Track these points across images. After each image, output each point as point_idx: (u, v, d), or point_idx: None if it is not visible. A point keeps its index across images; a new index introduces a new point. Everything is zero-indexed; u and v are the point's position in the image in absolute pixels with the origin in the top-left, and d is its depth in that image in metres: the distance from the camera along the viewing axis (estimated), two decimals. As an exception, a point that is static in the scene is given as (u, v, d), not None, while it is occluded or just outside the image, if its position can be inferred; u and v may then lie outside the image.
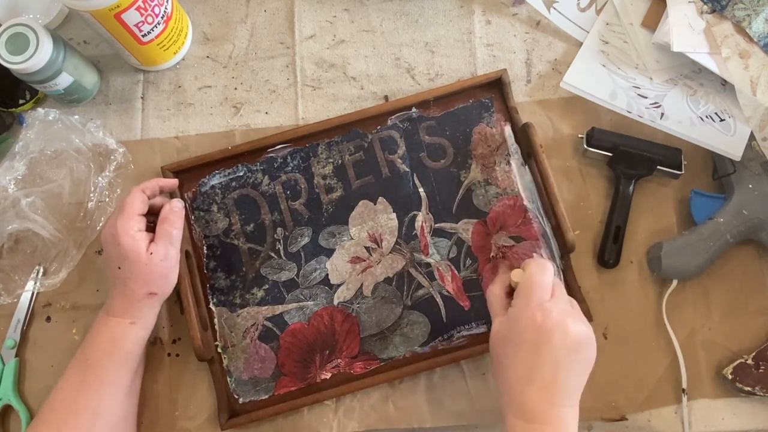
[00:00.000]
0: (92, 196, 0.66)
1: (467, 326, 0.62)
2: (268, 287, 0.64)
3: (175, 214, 0.60)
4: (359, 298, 0.63)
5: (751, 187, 0.62)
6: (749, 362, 0.60)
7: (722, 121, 0.64)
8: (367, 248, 0.65)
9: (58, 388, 0.56)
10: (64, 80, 0.64)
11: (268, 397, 0.62)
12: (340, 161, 0.66)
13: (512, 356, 0.49)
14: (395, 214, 0.65)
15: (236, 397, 0.62)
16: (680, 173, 0.63)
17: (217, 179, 0.66)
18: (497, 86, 0.67)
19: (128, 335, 0.57)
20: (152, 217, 0.60)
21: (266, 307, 0.64)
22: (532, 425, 0.47)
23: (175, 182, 0.64)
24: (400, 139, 0.67)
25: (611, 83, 0.67)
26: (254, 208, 0.66)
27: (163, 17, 0.63)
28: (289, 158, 0.66)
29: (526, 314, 0.49)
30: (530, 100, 0.68)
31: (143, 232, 0.58)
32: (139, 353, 0.58)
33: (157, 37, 0.64)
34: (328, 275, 0.64)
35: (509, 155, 0.66)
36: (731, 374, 0.60)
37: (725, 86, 0.66)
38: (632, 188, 0.63)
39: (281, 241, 0.65)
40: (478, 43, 0.70)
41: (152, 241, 0.58)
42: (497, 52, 0.70)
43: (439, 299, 0.63)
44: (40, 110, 0.66)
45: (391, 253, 0.64)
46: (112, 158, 0.66)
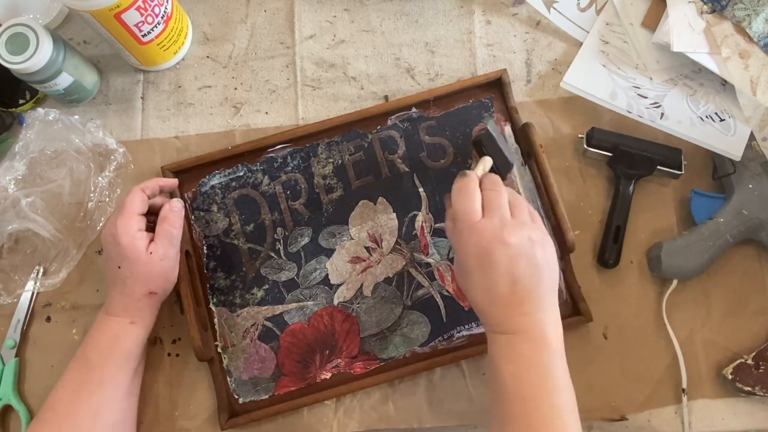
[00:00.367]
0: (92, 196, 0.66)
1: (467, 326, 0.62)
2: (268, 287, 0.64)
3: (174, 213, 0.60)
4: (359, 298, 0.63)
5: (751, 187, 0.62)
6: (749, 362, 0.60)
7: (722, 121, 0.64)
8: (367, 248, 0.65)
9: (58, 387, 0.56)
10: (64, 80, 0.64)
11: (268, 397, 0.62)
12: (340, 161, 0.66)
13: (470, 285, 0.49)
14: (395, 214, 0.65)
15: (236, 397, 0.62)
16: (680, 173, 0.63)
17: (217, 179, 0.66)
18: (497, 86, 0.67)
19: (128, 335, 0.57)
20: (152, 216, 0.60)
21: (266, 307, 0.64)
22: (507, 335, 0.48)
23: (175, 182, 0.64)
24: (400, 139, 0.67)
25: (611, 83, 0.67)
26: (254, 208, 0.66)
27: (163, 17, 0.63)
28: (289, 158, 0.67)
29: (462, 244, 0.49)
30: (530, 100, 0.68)
31: (143, 231, 0.58)
32: (138, 353, 0.58)
33: (157, 37, 0.64)
34: (328, 275, 0.64)
35: (509, 155, 0.66)
36: (731, 374, 0.60)
37: (725, 86, 0.66)
38: (632, 188, 0.63)
39: (281, 241, 0.65)
40: (478, 43, 0.70)
41: (152, 240, 0.58)
42: (497, 52, 0.70)
43: (439, 299, 0.63)
44: (40, 110, 0.66)
45: (391, 253, 0.64)
46: (112, 158, 0.66)
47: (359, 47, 0.71)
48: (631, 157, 0.63)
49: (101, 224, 0.66)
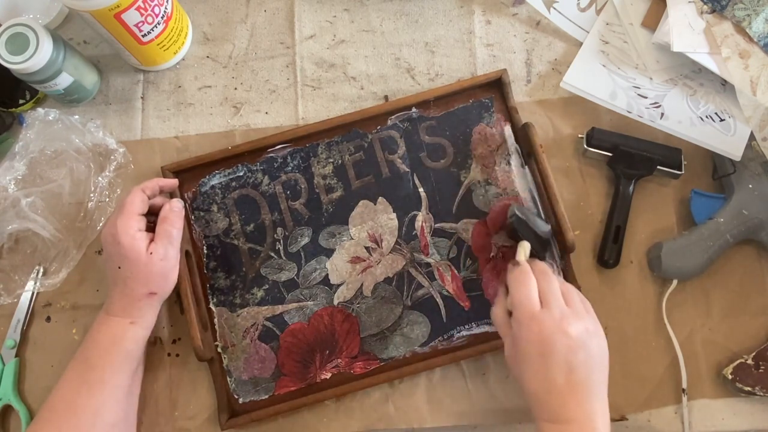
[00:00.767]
0: (92, 196, 0.66)
1: (467, 326, 0.62)
2: (268, 287, 0.64)
3: (174, 213, 0.60)
4: (359, 298, 0.63)
5: (751, 187, 0.62)
6: (749, 362, 0.60)
7: (722, 121, 0.64)
8: (367, 248, 0.65)
9: (58, 387, 0.56)
10: (64, 80, 0.64)
11: (268, 397, 0.62)
12: (340, 161, 0.66)
13: (526, 372, 0.50)
14: (395, 214, 0.65)
15: (236, 397, 0.62)
16: (680, 173, 0.63)
17: (217, 179, 0.66)
18: (497, 86, 0.67)
19: (128, 335, 0.57)
20: (152, 217, 0.60)
21: (266, 307, 0.64)
22: (560, 425, 0.48)
23: (175, 182, 0.64)
24: (400, 139, 0.67)
25: (611, 83, 0.67)
26: (254, 208, 0.66)
27: (163, 17, 0.63)
28: (289, 158, 0.67)
29: (523, 332, 0.50)
30: (530, 100, 0.68)
31: (143, 231, 0.58)
32: (139, 353, 0.58)
33: (157, 37, 0.64)
34: (328, 275, 0.64)
35: (509, 155, 0.66)
36: (731, 374, 0.60)
37: (725, 86, 0.66)
38: (632, 188, 0.63)
39: (281, 241, 0.65)
40: (478, 43, 0.70)
41: (152, 240, 0.58)
42: (497, 52, 0.70)
43: (439, 299, 0.63)
44: (40, 110, 0.66)
45: (391, 253, 0.64)
46: (112, 158, 0.66)
47: (359, 47, 0.71)
48: (631, 157, 0.63)
49: (101, 224, 0.66)
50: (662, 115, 0.65)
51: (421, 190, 0.65)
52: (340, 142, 0.67)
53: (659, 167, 0.63)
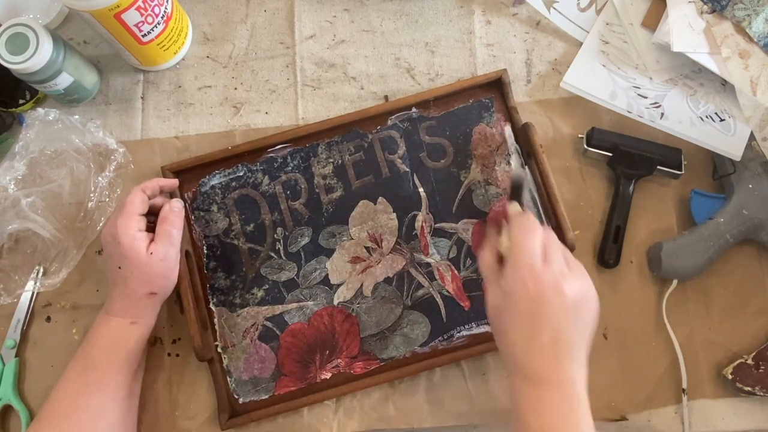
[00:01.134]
0: (92, 196, 0.66)
1: (467, 326, 0.62)
2: (268, 287, 0.64)
3: (174, 213, 0.60)
4: (359, 298, 0.63)
5: (751, 187, 0.62)
6: (749, 362, 0.60)
7: (722, 121, 0.64)
8: (367, 248, 0.65)
9: (58, 387, 0.56)
10: (64, 80, 0.64)
11: (268, 397, 0.62)
12: (340, 161, 0.66)
13: (510, 327, 0.48)
14: (395, 214, 0.65)
15: (236, 397, 0.62)
16: (680, 173, 0.63)
17: (217, 179, 0.66)
18: (497, 86, 0.67)
19: (129, 335, 0.57)
20: (152, 217, 0.60)
21: (266, 307, 0.64)
22: (538, 387, 0.46)
23: (175, 182, 0.64)
24: (400, 139, 0.67)
25: (611, 83, 0.67)
26: (254, 208, 0.66)
27: (163, 17, 0.63)
28: (289, 158, 0.67)
29: (517, 285, 0.47)
30: (530, 100, 0.68)
31: (143, 232, 0.58)
32: (139, 353, 0.58)
33: (157, 37, 0.64)
34: (328, 275, 0.64)
35: (509, 155, 0.66)
36: (731, 374, 0.60)
37: (725, 86, 0.66)
38: (632, 188, 0.63)
39: (281, 241, 0.65)
40: (478, 43, 0.70)
41: (152, 241, 0.58)
42: (497, 52, 0.70)
43: (439, 299, 0.63)
44: (40, 110, 0.66)
45: (391, 253, 0.64)
46: (112, 158, 0.66)
47: (359, 47, 0.71)
48: (631, 157, 0.63)
49: (101, 224, 0.66)
50: (662, 115, 0.65)
51: (421, 190, 0.65)
52: (340, 142, 0.67)
53: (659, 167, 0.63)
